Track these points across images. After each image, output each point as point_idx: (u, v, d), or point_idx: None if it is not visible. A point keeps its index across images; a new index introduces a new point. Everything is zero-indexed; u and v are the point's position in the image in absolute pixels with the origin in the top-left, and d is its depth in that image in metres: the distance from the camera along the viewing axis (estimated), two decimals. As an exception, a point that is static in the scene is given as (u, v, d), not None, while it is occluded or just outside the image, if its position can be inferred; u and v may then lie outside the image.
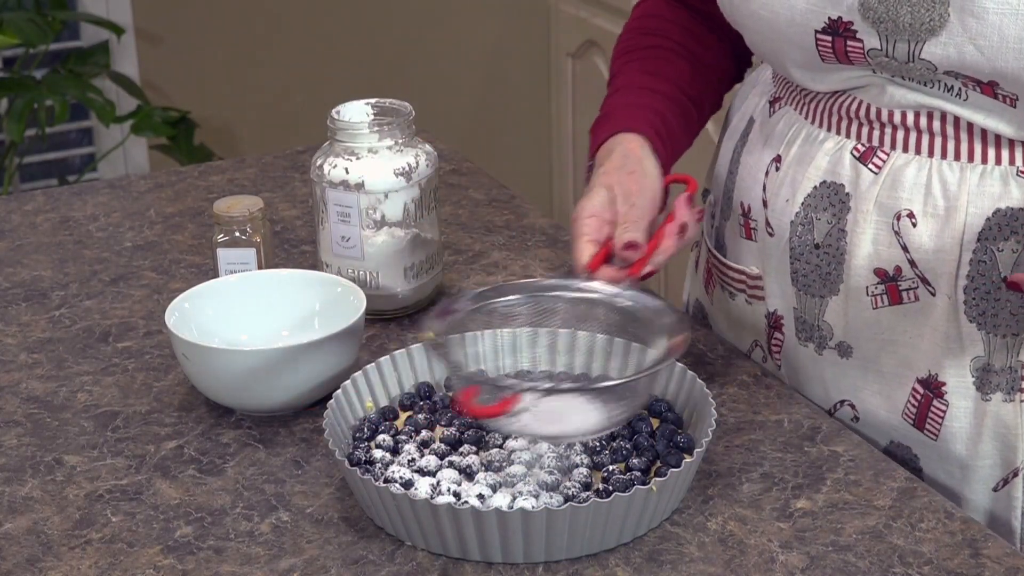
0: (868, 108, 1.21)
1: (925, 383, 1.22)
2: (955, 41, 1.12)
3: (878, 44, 1.16)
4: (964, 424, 1.22)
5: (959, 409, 1.21)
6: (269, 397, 1.26)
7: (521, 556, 1.08)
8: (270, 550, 1.11)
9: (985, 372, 1.20)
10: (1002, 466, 1.22)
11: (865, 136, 1.21)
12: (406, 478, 1.12)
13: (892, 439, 1.26)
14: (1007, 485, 1.22)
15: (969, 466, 1.23)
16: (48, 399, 1.33)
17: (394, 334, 1.42)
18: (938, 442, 1.23)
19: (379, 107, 1.45)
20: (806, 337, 1.29)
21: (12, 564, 1.10)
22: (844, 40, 1.17)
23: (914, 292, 1.21)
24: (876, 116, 1.20)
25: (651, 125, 1.31)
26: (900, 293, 1.21)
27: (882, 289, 1.22)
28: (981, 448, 1.22)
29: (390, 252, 1.41)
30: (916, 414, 1.23)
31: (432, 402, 1.24)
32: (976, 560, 1.08)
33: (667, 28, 1.40)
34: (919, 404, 1.23)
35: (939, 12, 1.11)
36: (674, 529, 1.12)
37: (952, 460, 1.23)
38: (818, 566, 1.07)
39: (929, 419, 1.23)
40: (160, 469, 1.21)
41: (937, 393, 1.22)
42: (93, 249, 1.63)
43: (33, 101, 2.93)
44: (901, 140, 1.20)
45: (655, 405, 1.22)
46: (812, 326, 1.28)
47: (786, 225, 1.27)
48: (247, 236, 1.42)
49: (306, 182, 1.79)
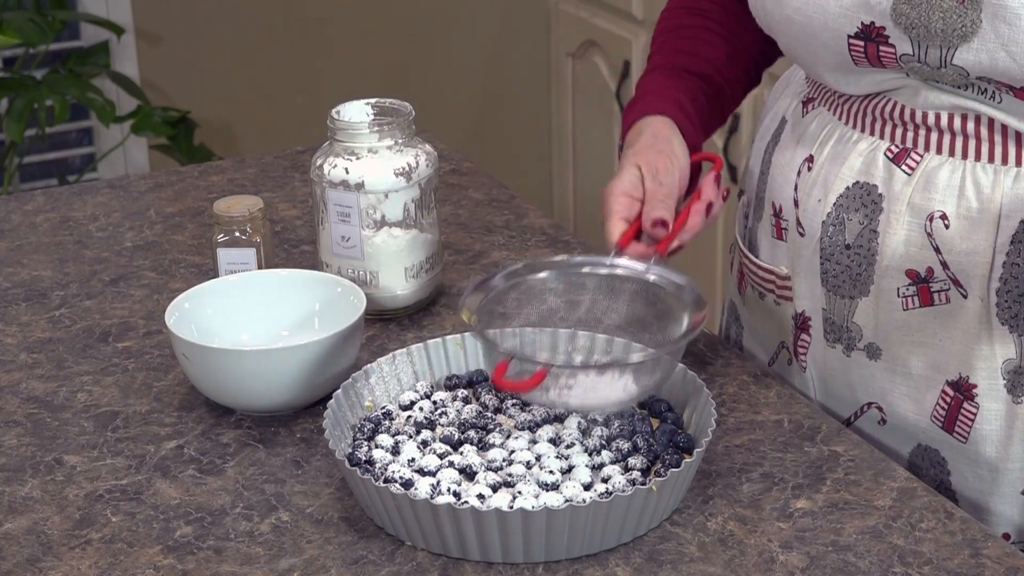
0: (902, 109, 1.21)
1: (955, 385, 1.21)
2: (987, 47, 1.11)
3: (910, 49, 1.15)
4: (995, 427, 1.21)
5: (990, 412, 1.20)
6: (269, 397, 1.26)
7: (521, 556, 1.08)
8: (270, 550, 1.11)
9: (1017, 375, 1.19)
10: None
11: (899, 137, 1.21)
12: (406, 478, 1.12)
13: (920, 442, 1.25)
14: None
15: (999, 469, 1.22)
16: (48, 399, 1.33)
17: (394, 334, 1.42)
18: (968, 444, 1.22)
19: (379, 107, 1.45)
20: (835, 339, 1.28)
21: (12, 564, 1.10)
22: (876, 45, 1.17)
23: (946, 294, 1.20)
24: (910, 118, 1.20)
25: (681, 108, 1.32)
26: (932, 295, 1.21)
27: (913, 291, 1.21)
28: (1012, 451, 1.21)
29: (390, 252, 1.41)
30: (946, 416, 1.23)
31: (433, 402, 1.24)
32: (976, 560, 1.08)
33: (710, 8, 1.40)
34: (949, 406, 1.22)
35: (971, 18, 1.11)
36: (674, 529, 1.12)
37: (982, 463, 1.22)
38: (818, 566, 1.07)
39: (959, 422, 1.22)
40: (160, 469, 1.21)
41: (968, 396, 1.21)
42: (93, 249, 1.63)
43: (33, 101, 2.93)
44: (935, 142, 1.19)
45: (655, 405, 1.22)
46: (841, 327, 1.27)
47: (817, 225, 1.26)
48: (247, 236, 1.42)
49: (306, 182, 1.79)
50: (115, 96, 3.17)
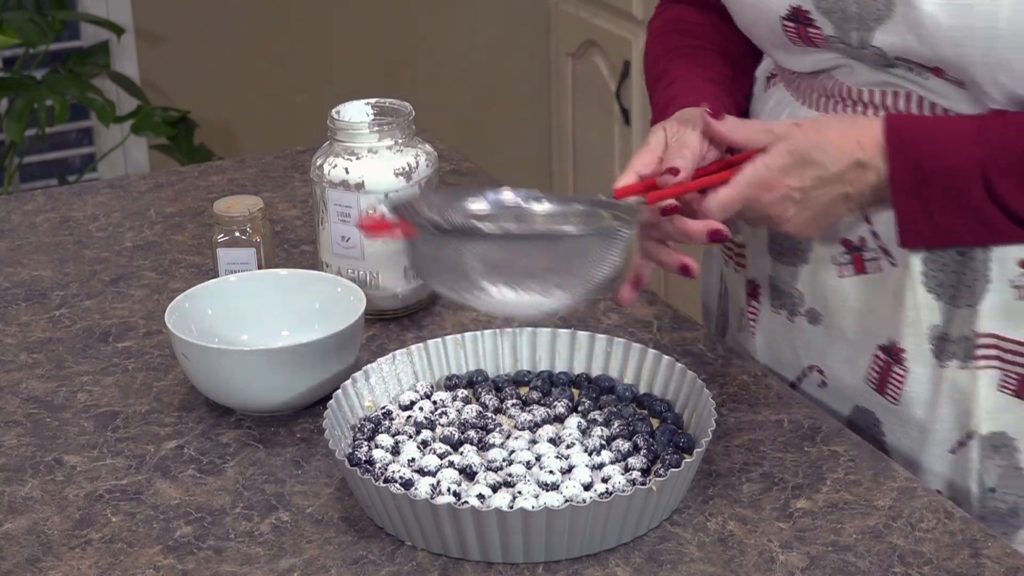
0: (843, 87, 1.25)
1: (886, 350, 1.26)
2: (899, 30, 1.16)
3: (834, 32, 1.21)
4: (922, 389, 1.25)
5: (917, 375, 1.25)
6: (269, 397, 1.26)
7: (521, 556, 1.08)
8: (270, 550, 1.11)
9: (942, 340, 1.23)
10: (958, 430, 1.25)
11: (839, 111, 1.26)
12: (406, 478, 1.12)
13: (856, 404, 1.31)
14: (963, 448, 1.25)
15: (928, 429, 1.26)
16: (48, 399, 1.33)
17: (394, 334, 1.42)
18: (899, 406, 1.27)
19: (379, 107, 1.45)
20: (780, 304, 1.34)
21: (12, 564, 1.10)
22: (805, 27, 1.22)
23: (877, 263, 1.25)
24: (848, 94, 1.25)
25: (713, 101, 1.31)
26: (864, 263, 1.26)
27: (848, 259, 1.27)
28: (938, 412, 1.25)
29: (390, 252, 1.41)
30: (878, 379, 1.28)
31: (433, 402, 1.24)
32: (976, 560, 1.08)
33: (701, 30, 1.42)
34: (881, 370, 1.28)
35: (884, 2, 1.16)
36: (674, 529, 1.12)
37: (912, 423, 1.27)
38: (818, 566, 1.07)
39: (890, 384, 1.27)
40: (160, 469, 1.21)
41: (897, 359, 1.26)
42: (93, 249, 1.63)
43: (33, 101, 2.92)
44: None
45: (655, 405, 1.22)
46: (785, 293, 1.33)
47: None
48: (247, 236, 1.42)
49: (306, 182, 1.79)
50: (115, 96, 3.17)
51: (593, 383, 1.26)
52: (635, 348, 1.26)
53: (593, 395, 1.24)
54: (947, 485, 1.26)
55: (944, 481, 1.26)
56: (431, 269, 1.13)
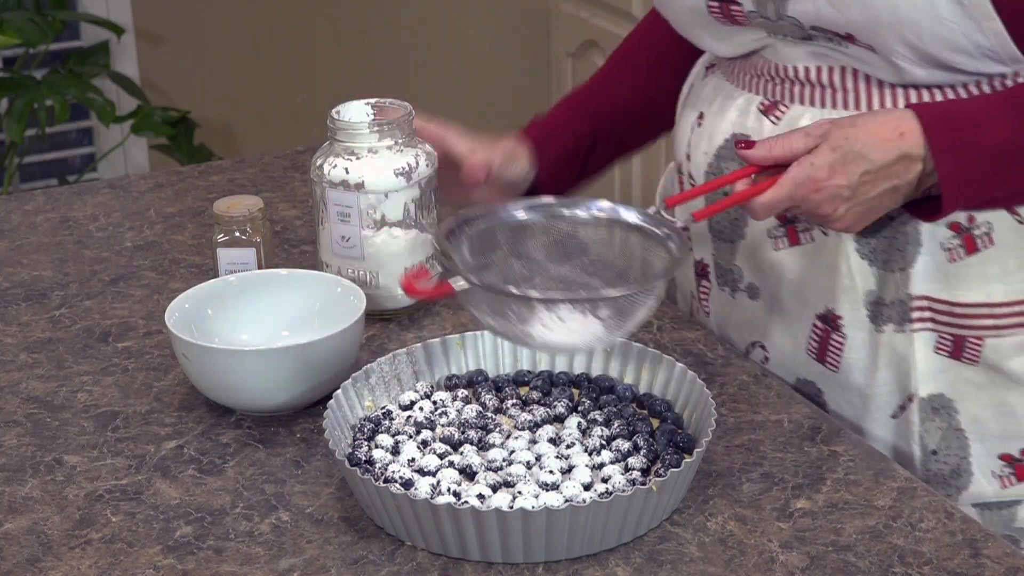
0: (772, 66, 1.30)
1: (824, 318, 1.30)
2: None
3: (753, 6, 1.25)
4: (861, 355, 1.29)
5: (855, 340, 1.29)
6: (269, 397, 1.26)
7: (521, 556, 1.08)
8: (270, 550, 1.11)
9: (877, 305, 1.27)
10: (898, 393, 1.28)
11: (770, 92, 1.30)
12: (406, 478, 1.12)
13: (799, 376, 1.34)
14: (904, 411, 1.29)
15: (868, 395, 1.30)
16: (48, 399, 1.33)
17: (394, 334, 1.42)
18: (839, 373, 1.31)
19: (379, 107, 1.45)
20: (723, 282, 1.39)
21: (12, 564, 1.10)
22: (728, 5, 1.27)
23: (810, 233, 1.29)
24: (776, 72, 1.30)
25: (555, 142, 1.50)
26: (798, 234, 1.30)
27: (782, 231, 1.31)
28: (878, 376, 1.29)
29: (390, 252, 1.41)
30: (818, 348, 1.31)
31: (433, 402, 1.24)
32: (976, 560, 1.08)
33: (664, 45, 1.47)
34: (820, 339, 1.31)
35: None
36: (674, 529, 1.12)
37: (852, 390, 1.30)
38: (818, 566, 1.07)
39: (829, 352, 1.31)
40: (160, 469, 1.21)
41: (835, 326, 1.29)
42: (93, 249, 1.63)
43: (33, 101, 2.93)
44: (798, 94, 1.28)
45: (655, 405, 1.22)
46: (727, 270, 1.37)
47: (702, 175, 1.36)
48: (247, 236, 1.42)
49: (306, 182, 1.79)
50: (115, 96, 3.17)
51: (593, 383, 1.26)
52: (635, 348, 1.26)
53: (593, 395, 1.24)
54: (891, 450, 1.30)
55: (888, 446, 1.30)
56: (480, 308, 1.15)
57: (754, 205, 1.18)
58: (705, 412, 1.17)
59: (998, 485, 1.28)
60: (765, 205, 1.18)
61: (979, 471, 1.28)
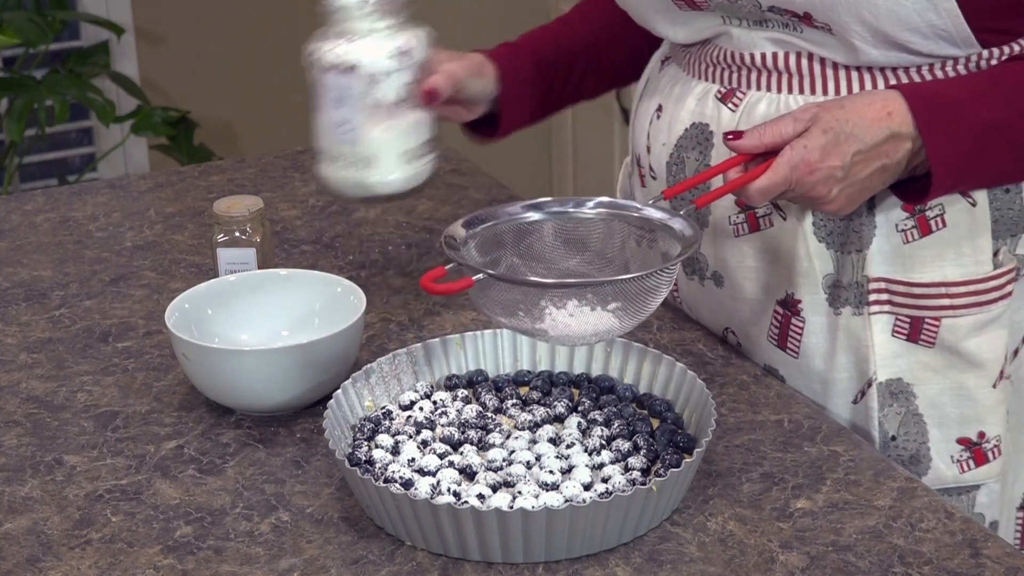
0: (729, 54, 1.31)
1: (784, 303, 1.32)
2: None
3: None
4: (820, 339, 1.31)
5: (814, 325, 1.31)
6: (269, 397, 1.26)
7: (521, 556, 1.08)
8: (270, 550, 1.11)
9: (835, 288, 1.29)
10: (858, 378, 1.30)
11: (727, 79, 1.32)
12: (406, 478, 1.12)
13: (764, 363, 1.36)
14: (864, 397, 1.30)
15: (828, 380, 1.31)
16: (48, 399, 1.33)
17: (394, 334, 1.42)
18: (799, 359, 1.32)
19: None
20: (691, 271, 1.40)
21: (12, 564, 1.10)
22: None
23: (768, 218, 1.31)
24: (733, 59, 1.31)
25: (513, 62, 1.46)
26: (757, 220, 1.32)
27: (742, 218, 1.32)
28: (837, 361, 1.30)
29: (386, 136, 1.35)
30: (779, 334, 1.33)
31: (433, 401, 1.24)
32: (976, 560, 1.08)
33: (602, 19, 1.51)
34: (780, 324, 1.33)
35: None
36: (674, 529, 1.12)
37: (813, 376, 1.32)
38: (818, 566, 1.07)
39: (790, 337, 1.32)
40: (160, 469, 1.21)
41: (794, 311, 1.31)
42: (93, 249, 1.63)
43: (33, 101, 2.92)
44: (755, 80, 1.29)
45: (655, 405, 1.22)
46: (693, 259, 1.39)
47: (663, 166, 1.37)
48: (247, 236, 1.42)
49: (306, 182, 1.79)
50: (115, 96, 3.17)
51: (593, 383, 1.26)
52: (635, 348, 1.26)
53: (593, 395, 1.24)
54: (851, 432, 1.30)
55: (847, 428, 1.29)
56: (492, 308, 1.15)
57: (750, 191, 1.18)
58: (705, 412, 1.17)
59: (957, 470, 1.30)
60: (761, 190, 1.18)
61: (938, 456, 1.30)
